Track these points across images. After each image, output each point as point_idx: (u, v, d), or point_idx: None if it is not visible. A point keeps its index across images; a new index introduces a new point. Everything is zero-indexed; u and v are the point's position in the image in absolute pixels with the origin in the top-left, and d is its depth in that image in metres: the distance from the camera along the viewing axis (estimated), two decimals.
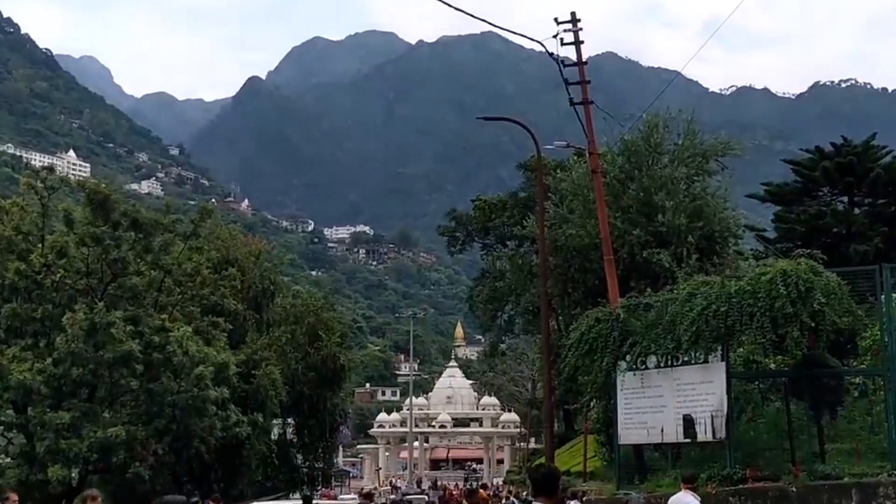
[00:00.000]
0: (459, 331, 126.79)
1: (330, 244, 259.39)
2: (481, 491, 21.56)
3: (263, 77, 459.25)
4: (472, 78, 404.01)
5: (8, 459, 30.52)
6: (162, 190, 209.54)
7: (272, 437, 42.65)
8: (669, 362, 15.69)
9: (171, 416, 29.75)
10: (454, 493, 44.77)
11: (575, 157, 33.91)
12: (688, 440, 15.50)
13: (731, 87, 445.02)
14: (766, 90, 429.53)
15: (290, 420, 47.40)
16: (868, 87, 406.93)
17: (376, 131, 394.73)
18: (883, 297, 14.47)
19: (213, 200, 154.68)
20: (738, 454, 14.87)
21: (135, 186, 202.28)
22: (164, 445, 29.74)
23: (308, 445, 49.10)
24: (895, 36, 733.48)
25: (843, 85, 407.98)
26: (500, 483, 56.73)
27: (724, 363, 15.01)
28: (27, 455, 28.48)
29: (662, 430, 15.74)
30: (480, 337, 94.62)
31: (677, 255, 27.57)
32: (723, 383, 14.92)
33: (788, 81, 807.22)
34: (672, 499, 12.08)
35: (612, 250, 23.36)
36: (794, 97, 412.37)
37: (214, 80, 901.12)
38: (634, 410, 16.35)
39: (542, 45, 22.35)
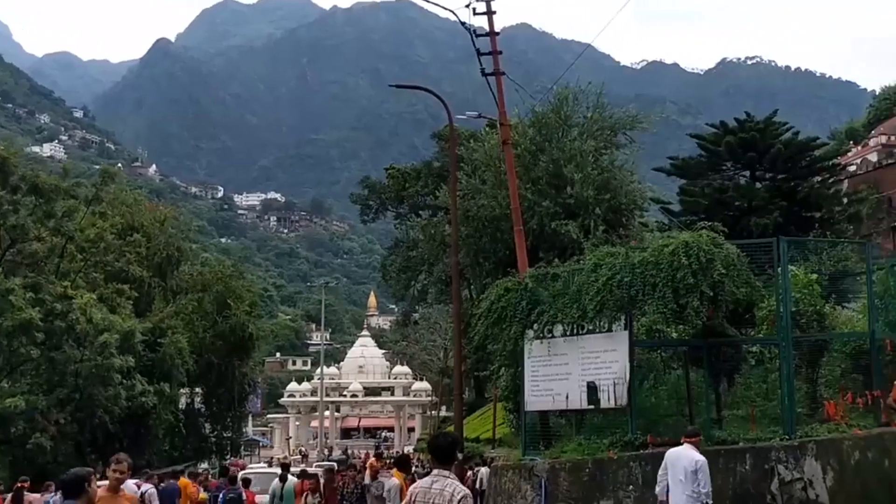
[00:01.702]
0: (372, 300, 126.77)
1: (240, 211, 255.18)
2: (372, 460, 21.66)
3: (172, 39, 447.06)
4: (387, 45, 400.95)
5: None
6: (65, 153, 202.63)
7: (179, 406, 42.18)
8: (575, 331, 15.95)
9: (73, 385, 29.18)
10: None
11: (487, 128, 34.05)
12: (591, 407, 15.81)
13: (643, 61, 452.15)
14: (675, 65, 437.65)
15: (197, 389, 46.92)
16: (773, 64, 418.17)
17: (289, 97, 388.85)
18: (780, 269, 14.97)
19: (120, 165, 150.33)
20: (640, 420, 15.24)
21: (36, 149, 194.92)
22: (66, 415, 29.18)
23: (216, 415, 48.70)
24: (800, 14, 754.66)
25: (750, 62, 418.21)
26: (411, 451, 57.17)
27: (627, 332, 15.33)
28: None
29: (567, 397, 16.01)
30: (393, 306, 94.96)
31: (585, 226, 28.01)
32: (626, 351, 15.25)
33: (698, 57, 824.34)
34: (672, 451, 12.11)
35: (522, 221, 23.56)
36: (702, 73, 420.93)
37: (121, 41, 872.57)
38: (541, 378, 16.59)
39: (455, 14, 22.34)
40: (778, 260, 15.01)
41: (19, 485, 19.08)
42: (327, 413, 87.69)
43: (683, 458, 11.69)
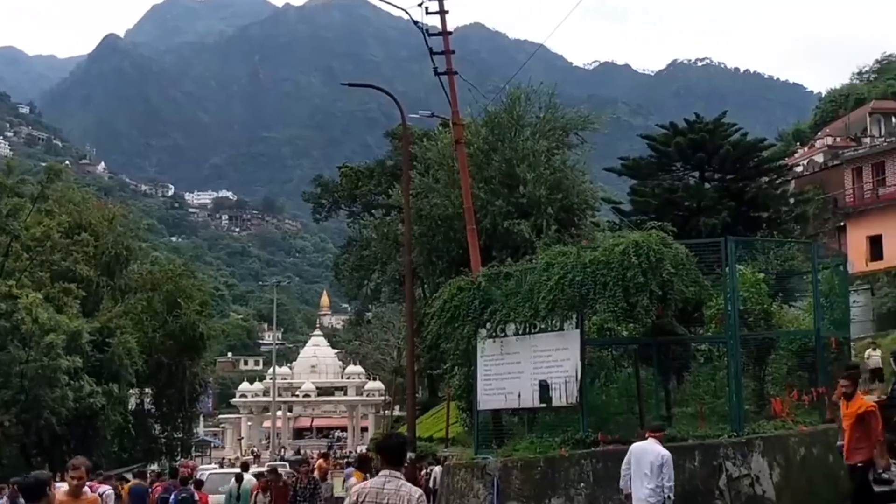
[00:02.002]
0: (325, 299, 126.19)
1: (191, 209, 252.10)
2: (320, 461, 21.62)
3: (121, 35, 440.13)
4: (340, 43, 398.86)
5: None
6: (10, 150, 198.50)
7: (129, 407, 41.64)
8: (527, 330, 16.02)
9: (19, 386, 28.70)
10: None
11: (440, 128, 34.08)
12: (543, 405, 15.90)
13: (595, 62, 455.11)
14: (627, 66, 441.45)
15: (147, 390, 46.37)
16: (722, 66, 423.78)
17: (241, 94, 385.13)
18: (727, 268, 15.20)
19: (67, 162, 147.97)
20: (591, 418, 15.36)
21: None
22: (11, 417, 28.68)
23: (167, 415, 48.17)
24: (749, 17, 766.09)
25: (700, 64, 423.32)
26: (364, 450, 57.03)
27: (578, 331, 15.43)
28: None
29: (520, 396, 16.08)
30: (346, 305, 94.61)
31: (537, 225, 28.16)
32: (577, 350, 15.35)
33: (649, 58, 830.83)
34: (637, 445, 12.09)
35: (475, 220, 23.62)
36: (653, 74, 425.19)
37: (68, 37, 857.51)
38: (493, 377, 16.64)
39: (408, 12, 22.33)
40: (726, 259, 15.23)
41: None
42: (280, 413, 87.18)
43: (650, 453, 11.78)
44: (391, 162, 50.84)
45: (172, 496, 19.29)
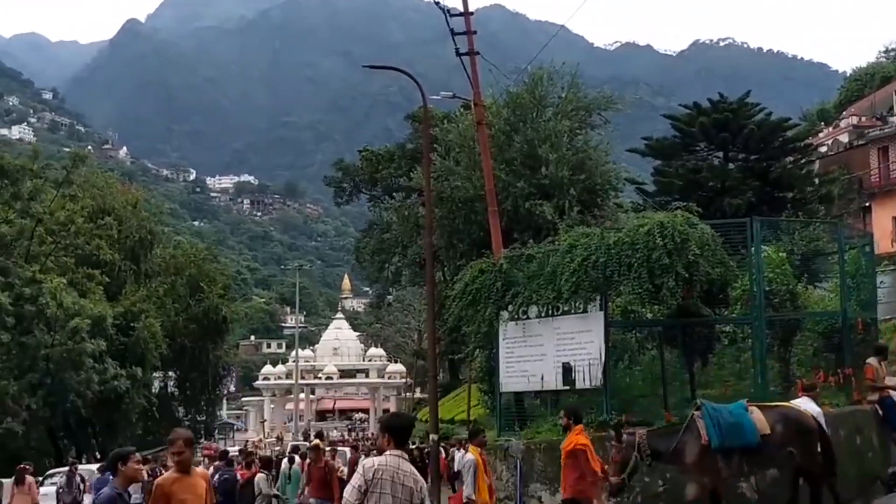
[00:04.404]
0: (346, 283, 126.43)
1: (213, 194, 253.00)
2: (316, 440, 21.48)
3: (142, 20, 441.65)
4: (360, 27, 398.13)
5: None
6: (35, 136, 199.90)
7: (153, 390, 41.95)
8: (550, 312, 15.93)
9: (45, 369, 28.93)
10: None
11: (461, 109, 33.92)
12: (567, 388, 15.83)
13: (616, 42, 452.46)
14: (649, 47, 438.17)
15: (171, 373, 46.71)
16: (745, 46, 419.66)
17: (261, 79, 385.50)
18: (753, 248, 15.03)
19: (90, 148, 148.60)
20: (615, 401, 15.27)
21: (4, 132, 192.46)
22: (37, 400, 28.93)
23: (190, 398, 48.57)
24: None
25: (722, 43, 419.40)
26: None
27: (602, 313, 15.34)
28: None
29: (542, 378, 16.02)
30: (367, 289, 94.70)
31: (560, 207, 28.00)
32: (601, 332, 15.26)
33: (671, 39, 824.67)
34: (793, 403, 12.12)
35: (497, 202, 23.51)
36: (675, 54, 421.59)
37: (90, 22, 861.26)
38: (516, 359, 16.58)
39: None
40: (751, 240, 15.07)
41: (22, 466, 19.48)
42: (302, 395, 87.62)
43: (812, 410, 11.87)
44: (412, 145, 50.70)
45: (217, 476, 19.47)
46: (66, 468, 22.35)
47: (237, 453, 25.84)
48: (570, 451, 11.35)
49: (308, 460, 18.60)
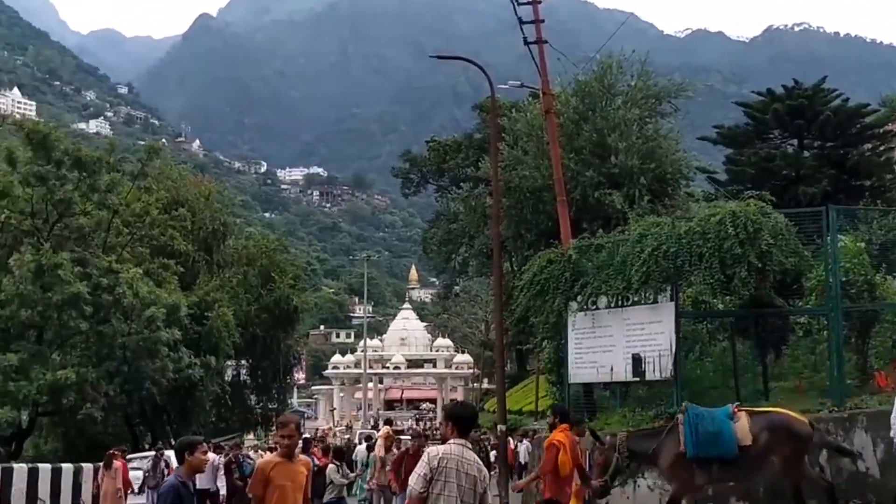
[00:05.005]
0: (413, 273, 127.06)
1: (283, 186, 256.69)
2: (386, 427, 21.53)
3: (214, 14, 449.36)
4: (427, 17, 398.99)
5: None
6: (111, 129, 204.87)
7: (225, 378, 42.68)
8: (620, 302, 15.82)
9: (121, 357, 29.60)
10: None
11: (529, 98, 33.76)
12: (636, 379, 15.72)
13: (687, 29, 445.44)
14: (720, 33, 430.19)
15: (243, 361, 47.43)
16: (820, 31, 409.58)
17: (330, 71, 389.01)
18: (829, 237, 14.68)
19: (164, 140, 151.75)
20: (686, 392, 15.09)
21: (82, 126, 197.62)
22: (115, 387, 29.63)
23: (262, 387, 49.29)
24: None
25: (797, 29, 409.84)
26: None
27: (673, 303, 15.17)
28: None
29: (612, 369, 15.92)
30: (434, 279, 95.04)
31: (629, 196, 27.72)
32: (671, 323, 15.09)
33: (743, 25, 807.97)
34: None
35: (566, 191, 23.35)
36: (747, 41, 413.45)
37: (164, 17, 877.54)
38: (585, 350, 16.51)
39: None
40: (827, 229, 14.71)
41: (113, 451, 20.14)
42: (371, 385, 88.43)
43: None
44: (479, 135, 50.63)
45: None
46: (145, 453, 22.93)
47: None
48: (546, 447, 11.23)
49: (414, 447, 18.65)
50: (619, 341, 15.78)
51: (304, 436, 25.70)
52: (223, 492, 19.28)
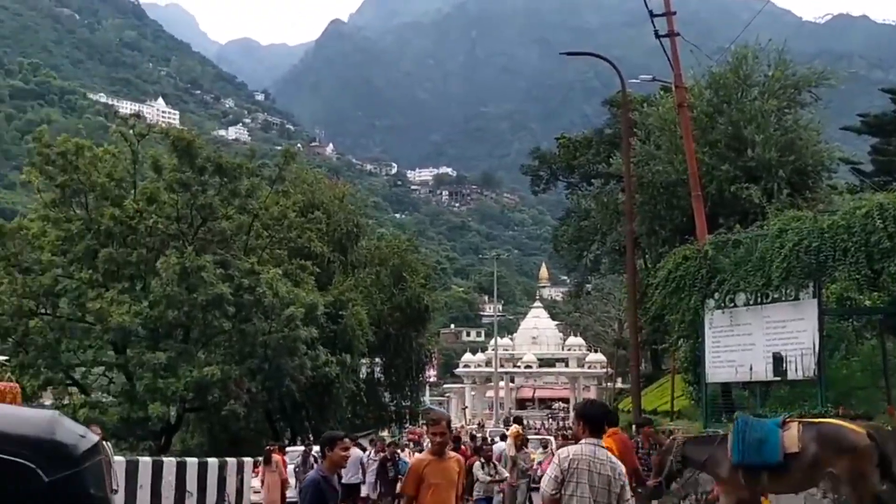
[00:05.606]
0: (544, 271, 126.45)
1: (413, 186, 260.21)
2: (515, 426, 21.84)
3: (345, 20, 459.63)
4: (555, 14, 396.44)
5: (110, 398, 31.94)
6: (249, 136, 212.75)
7: (360, 376, 43.58)
8: (759, 300, 15.37)
9: (263, 355, 30.58)
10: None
11: (661, 92, 33.10)
12: (777, 378, 15.24)
13: (827, 14, 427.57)
14: (864, 17, 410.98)
15: (377, 359, 48.28)
16: None
17: (458, 71, 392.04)
18: None
19: (299, 145, 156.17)
20: (830, 393, 14.54)
21: (222, 132, 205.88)
22: (256, 384, 30.66)
23: (395, 384, 50.05)
24: None
25: None
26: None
27: (815, 300, 14.63)
28: (128, 394, 29.77)
29: (751, 369, 15.50)
30: (565, 277, 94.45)
31: (767, 190, 26.80)
32: (814, 320, 14.56)
33: (890, 7, 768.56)
34: None
35: (700, 186, 22.79)
36: (894, 24, 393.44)
37: (297, 24, 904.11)
38: (722, 348, 16.12)
39: None
40: None
41: (269, 447, 21.30)
42: (502, 384, 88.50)
43: None
44: (610, 130, 49.91)
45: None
46: (295, 447, 23.72)
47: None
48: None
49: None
50: (759, 339, 15.33)
51: (458, 436, 26.24)
52: (367, 489, 19.87)
